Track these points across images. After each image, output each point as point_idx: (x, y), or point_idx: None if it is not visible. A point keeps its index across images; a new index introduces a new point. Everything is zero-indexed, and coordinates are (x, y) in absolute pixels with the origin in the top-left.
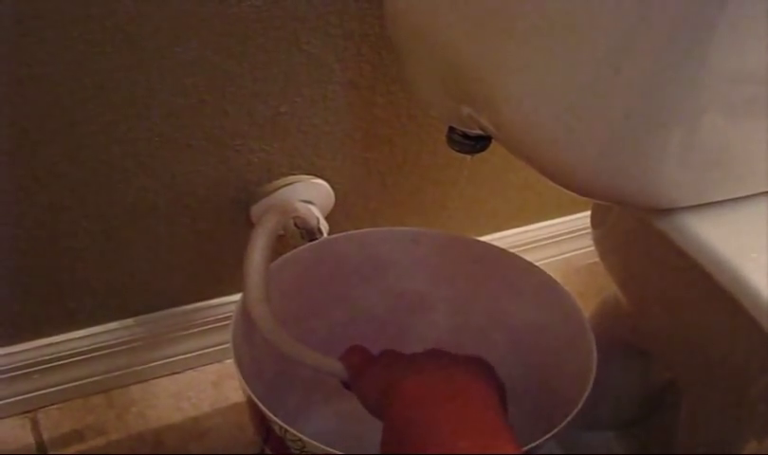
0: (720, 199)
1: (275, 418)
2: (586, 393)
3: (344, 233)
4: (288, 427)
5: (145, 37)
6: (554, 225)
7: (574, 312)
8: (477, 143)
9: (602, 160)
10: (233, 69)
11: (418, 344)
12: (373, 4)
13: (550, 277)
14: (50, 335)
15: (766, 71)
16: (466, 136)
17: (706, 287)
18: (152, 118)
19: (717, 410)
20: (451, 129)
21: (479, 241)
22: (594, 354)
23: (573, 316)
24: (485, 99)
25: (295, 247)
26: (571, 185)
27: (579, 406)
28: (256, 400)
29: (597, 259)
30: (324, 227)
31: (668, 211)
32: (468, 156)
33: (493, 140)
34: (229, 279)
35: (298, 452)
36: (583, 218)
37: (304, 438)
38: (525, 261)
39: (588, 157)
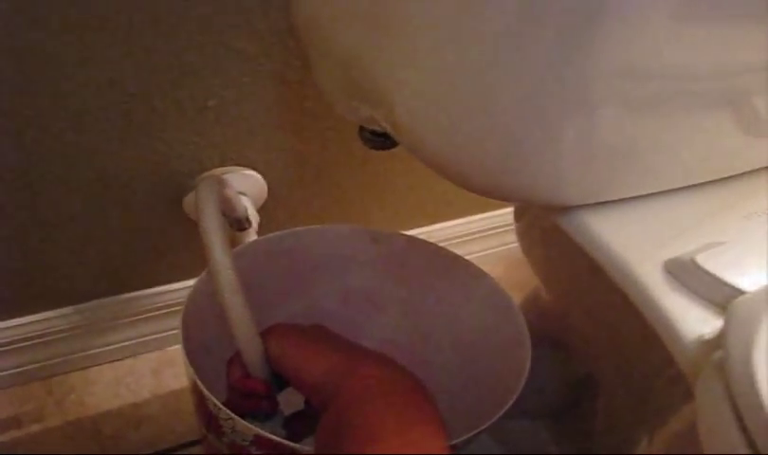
0: (624, 196)
1: (210, 396)
2: (518, 391)
3: (304, 227)
4: (221, 406)
5: (69, 31)
6: (497, 216)
7: (516, 318)
8: (387, 140)
9: (497, 159)
10: (160, 63)
11: (370, 342)
12: None
13: (497, 284)
14: None
15: (661, 68)
16: (374, 132)
17: (614, 285)
18: (82, 113)
19: (629, 402)
20: (361, 126)
21: (434, 244)
22: (529, 358)
23: (514, 321)
24: (379, 98)
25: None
26: (469, 186)
27: (510, 403)
28: (195, 377)
29: None
30: (254, 217)
31: (570, 209)
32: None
33: None
34: (166, 268)
35: (230, 431)
36: None
37: (235, 417)
38: (476, 267)
39: (481, 157)
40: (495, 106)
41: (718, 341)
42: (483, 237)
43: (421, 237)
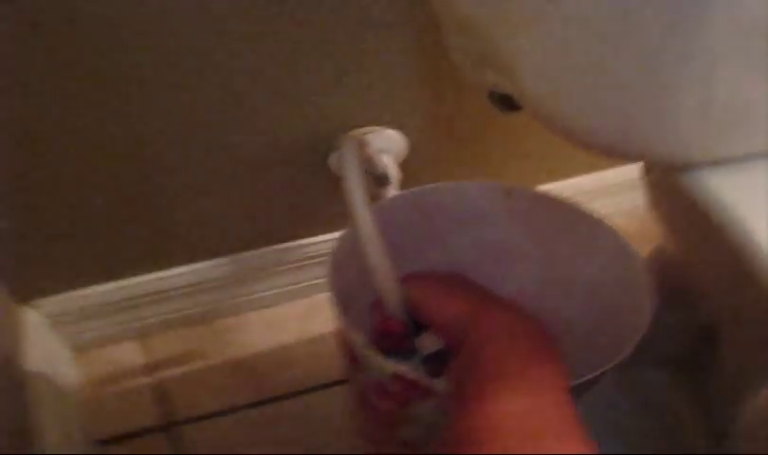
0: (742, 153)
1: (355, 335)
2: (638, 338)
3: (442, 183)
4: (365, 345)
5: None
6: (625, 171)
7: (639, 268)
8: (515, 102)
9: (617, 120)
10: (305, 35)
11: (502, 290)
12: None
13: (622, 236)
14: (157, 270)
15: None
16: (503, 96)
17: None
18: (235, 80)
19: (749, 356)
20: (490, 90)
21: (563, 199)
22: (652, 306)
23: (638, 271)
24: (502, 64)
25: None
26: (592, 147)
27: (630, 349)
28: (341, 318)
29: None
30: (395, 173)
31: (690, 167)
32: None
33: None
34: (314, 221)
35: (371, 369)
36: None
37: (377, 355)
38: (603, 220)
39: (602, 118)
40: (615, 67)
41: None
42: (611, 193)
43: (552, 192)
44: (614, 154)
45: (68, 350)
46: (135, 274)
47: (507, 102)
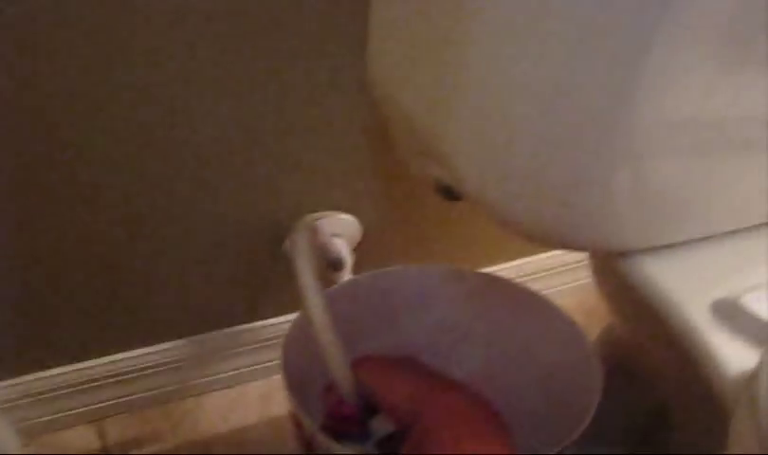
0: (676, 241)
1: (307, 420)
2: (588, 419)
3: (395, 267)
4: (317, 430)
5: (182, 98)
6: (572, 253)
7: (588, 349)
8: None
9: (553, 214)
10: (260, 123)
11: (456, 372)
12: None
13: (570, 318)
14: (112, 353)
15: (709, 117)
16: (447, 186)
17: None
18: (188, 166)
19: (701, 434)
20: (435, 182)
21: (513, 281)
22: (600, 388)
23: (587, 352)
24: (442, 156)
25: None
26: (530, 238)
27: (580, 429)
28: (293, 403)
29: None
30: (348, 258)
31: (625, 253)
32: None
33: None
34: (269, 303)
35: (325, 453)
36: None
37: (329, 440)
38: (551, 302)
39: (538, 211)
40: (549, 165)
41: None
42: (558, 273)
43: (501, 273)
44: (552, 244)
45: (16, 436)
46: (91, 357)
47: (451, 192)
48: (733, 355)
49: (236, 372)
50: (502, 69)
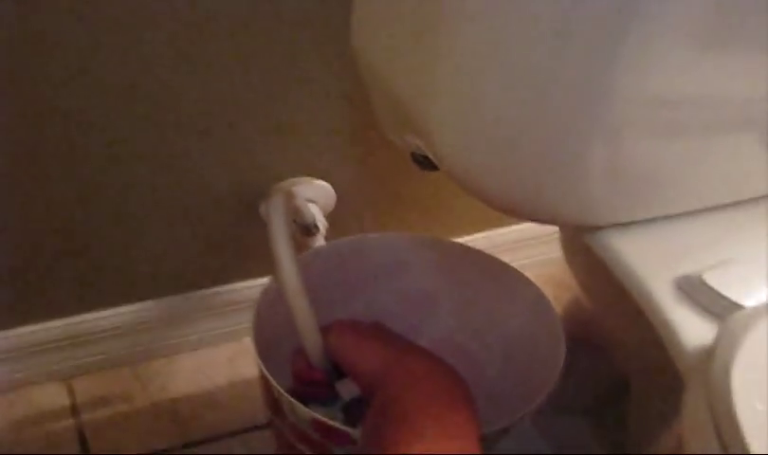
0: (646, 217)
1: (275, 383)
2: (550, 388)
3: (367, 234)
4: (283, 392)
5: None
6: (543, 227)
7: (554, 320)
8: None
9: (527, 186)
10: (236, 89)
11: (425, 339)
12: None
13: (539, 289)
14: (83, 312)
15: (687, 96)
16: (423, 156)
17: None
18: (166, 129)
19: (658, 403)
20: (413, 152)
21: (483, 252)
22: (563, 357)
23: (553, 323)
24: (420, 129)
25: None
26: (504, 209)
27: (541, 399)
28: (262, 366)
29: None
30: (322, 223)
31: (596, 228)
32: None
33: None
34: (243, 267)
35: (291, 415)
36: None
37: (295, 402)
38: (520, 273)
39: (513, 183)
40: (524, 137)
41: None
42: (528, 246)
43: (473, 244)
44: (525, 216)
45: None
46: (62, 315)
47: (428, 162)
48: (693, 330)
49: (206, 333)
50: (486, 46)
